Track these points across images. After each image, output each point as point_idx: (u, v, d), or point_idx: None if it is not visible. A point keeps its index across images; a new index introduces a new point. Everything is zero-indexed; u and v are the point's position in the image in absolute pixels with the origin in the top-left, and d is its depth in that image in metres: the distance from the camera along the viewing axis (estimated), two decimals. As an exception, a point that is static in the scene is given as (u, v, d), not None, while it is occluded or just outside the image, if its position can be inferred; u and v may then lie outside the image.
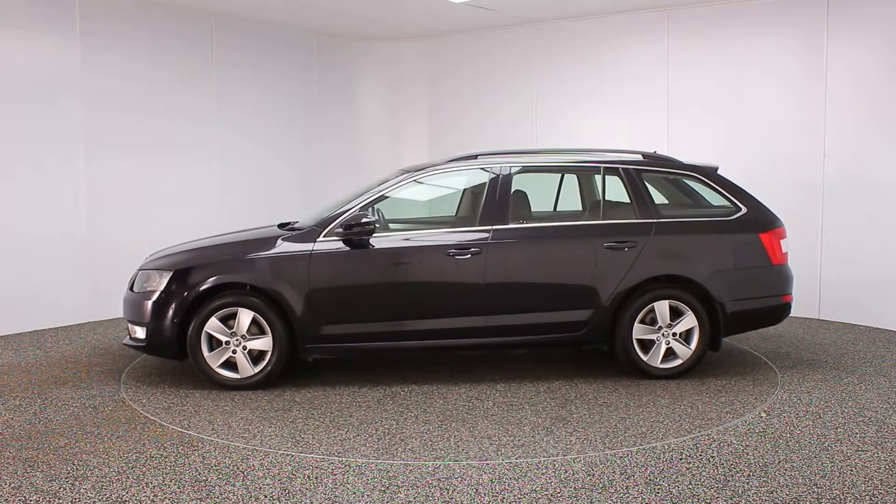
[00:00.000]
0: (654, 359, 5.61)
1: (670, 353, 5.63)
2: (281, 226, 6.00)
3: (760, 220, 5.75)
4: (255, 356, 5.47)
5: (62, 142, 7.50)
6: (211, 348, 5.45)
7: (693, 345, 5.61)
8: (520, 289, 5.60)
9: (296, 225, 5.89)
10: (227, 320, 5.43)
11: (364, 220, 5.46)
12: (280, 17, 8.97)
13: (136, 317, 5.59)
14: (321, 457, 4.23)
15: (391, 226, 6.02)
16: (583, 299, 5.58)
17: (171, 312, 5.41)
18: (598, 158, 5.95)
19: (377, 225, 5.61)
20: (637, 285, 5.57)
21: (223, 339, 5.43)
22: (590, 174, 6.14)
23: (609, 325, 5.60)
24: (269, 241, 5.58)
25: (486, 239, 5.55)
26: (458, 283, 5.54)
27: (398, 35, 10.16)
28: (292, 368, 5.88)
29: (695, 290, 5.61)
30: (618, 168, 5.82)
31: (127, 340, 5.73)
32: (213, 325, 5.41)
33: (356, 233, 5.47)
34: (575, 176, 6.38)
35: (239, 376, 5.45)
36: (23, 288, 7.28)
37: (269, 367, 5.44)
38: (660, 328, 5.60)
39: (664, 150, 7.94)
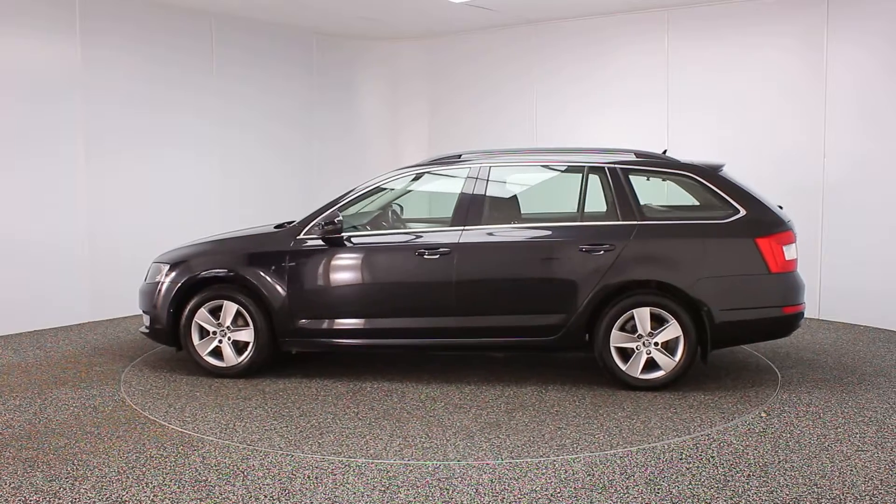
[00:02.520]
0: (634, 368, 5.31)
1: (653, 364, 5.32)
2: (279, 225, 6.10)
3: (759, 224, 5.33)
4: (242, 346, 5.74)
5: (62, 141, 7.50)
6: (201, 337, 5.78)
7: (677, 356, 5.28)
8: (489, 290, 5.52)
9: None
10: (216, 312, 5.75)
11: (337, 219, 5.62)
12: (280, 17, 8.97)
13: (143, 306, 6.02)
14: (321, 457, 4.23)
15: (364, 224, 6.04)
16: (555, 303, 5.39)
17: (167, 302, 5.77)
18: (583, 158, 5.71)
19: (343, 225, 5.65)
20: (614, 290, 5.31)
21: (210, 329, 5.75)
22: (575, 174, 5.85)
23: (585, 332, 5.38)
24: (258, 239, 5.91)
25: (456, 239, 5.53)
26: (427, 283, 5.54)
27: (398, 35, 10.16)
28: (298, 360, 5.99)
29: (680, 297, 5.28)
30: (603, 168, 5.55)
31: (140, 328, 6.13)
32: (202, 315, 5.74)
33: (328, 231, 5.63)
34: (560, 176, 6.18)
35: (224, 365, 5.75)
36: (23, 288, 7.28)
37: (251, 358, 5.70)
38: (640, 336, 5.30)
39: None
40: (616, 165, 5.55)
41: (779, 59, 7.75)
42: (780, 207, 5.71)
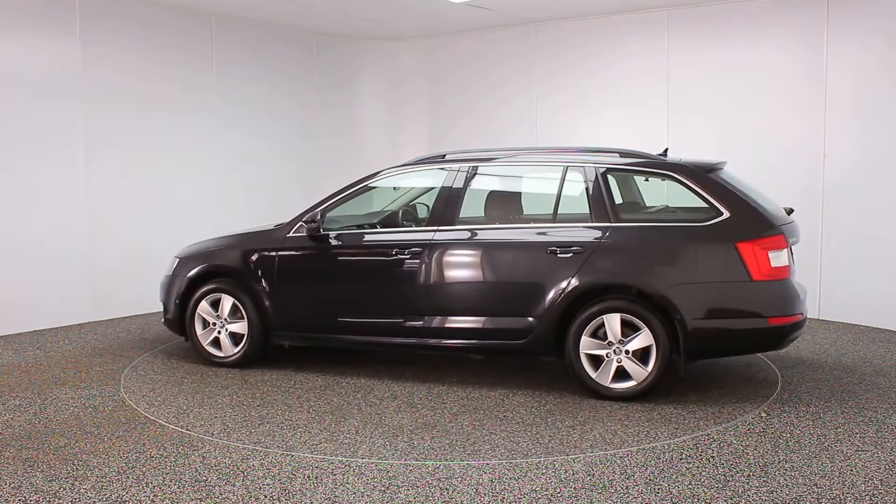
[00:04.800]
0: (604, 377, 5.08)
1: (625, 373, 5.07)
2: (279, 224, 6.19)
3: (742, 228, 4.98)
4: (239, 338, 6.01)
5: (62, 141, 7.49)
6: (204, 328, 6.10)
7: (649, 365, 5.02)
8: (459, 291, 5.49)
9: None
10: (217, 304, 6.05)
11: (316, 218, 5.80)
12: (280, 17, 8.97)
13: (160, 297, 6.39)
14: (321, 457, 4.24)
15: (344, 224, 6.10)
16: (524, 307, 5.24)
17: (174, 294, 6.16)
18: (563, 158, 5.54)
19: (322, 223, 5.80)
20: (583, 295, 5.11)
21: (211, 320, 6.06)
22: (554, 175, 5.61)
23: (555, 337, 5.19)
24: (254, 237, 6.14)
25: (429, 239, 5.53)
26: (401, 283, 5.58)
27: (398, 35, 10.16)
28: (300, 353, 6.20)
29: (652, 303, 5.01)
30: (581, 168, 5.37)
31: (162, 318, 6.48)
32: (203, 307, 6.06)
33: (310, 230, 5.81)
34: (539, 177, 5.98)
35: (222, 355, 6.05)
36: (23, 288, 7.28)
37: (245, 349, 5.97)
38: (610, 344, 5.07)
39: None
40: (593, 165, 5.36)
41: (779, 59, 7.75)
42: (790, 211, 5.52)
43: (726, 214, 5.03)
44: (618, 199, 5.64)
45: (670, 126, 8.38)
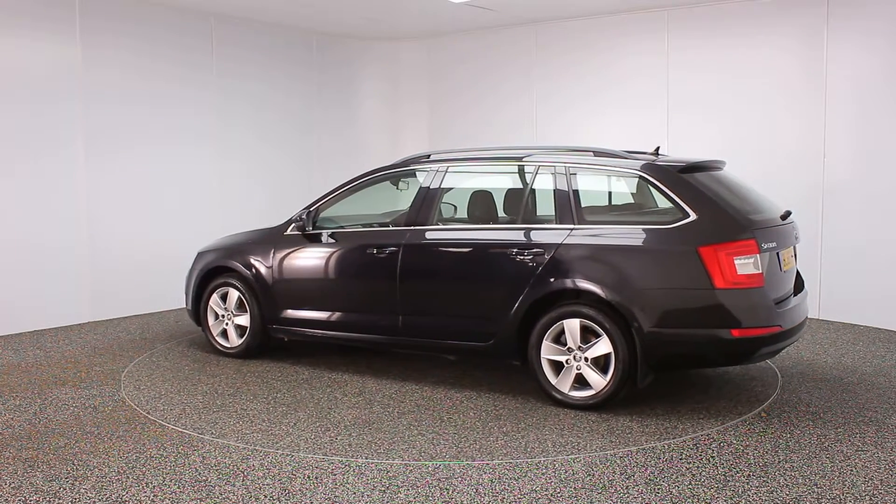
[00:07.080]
0: (564, 384, 4.93)
1: (585, 381, 4.89)
2: None
3: (706, 231, 4.67)
4: (244, 330, 6.29)
5: (62, 141, 7.49)
6: (215, 319, 6.44)
7: (609, 374, 4.80)
8: (428, 292, 5.52)
9: None
10: (227, 297, 6.38)
11: (303, 217, 6.01)
12: (280, 17, 8.97)
13: (184, 288, 6.75)
14: (321, 457, 4.24)
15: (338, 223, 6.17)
16: (488, 309, 5.19)
17: (191, 287, 6.56)
18: (537, 158, 5.40)
19: (308, 222, 5.99)
20: (544, 299, 4.96)
21: (220, 312, 6.40)
22: (526, 175, 5.49)
23: (517, 341, 5.08)
24: (258, 235, 6.41)
25: (402, 240, 5.56)
26: (377, 282, 5.66)
27: (398, 35, 10.16)
28: (307, 347, 6.30)
29: (610, 309, 4.79)
30: (553, 167, 5.22)
31: None
32: (214, 300, 6.42)
33: (297, 228, 6.07)
34: (513, 177, 5.81)
35: (228, 345, 6.38)
36: (23, 288, 7.28)
37: (247, 341, 6.27)
38: (570, 350, 4.90)
39: (664, 150, 7.92)
40: (562, 164, 5.20)
41: (779, 59, 7.75)
42: (788, 213, 5.28)
43: (693, 217, 4.73)
44: (628, 200, 5.66)
45: (670, 126, 8.37)
